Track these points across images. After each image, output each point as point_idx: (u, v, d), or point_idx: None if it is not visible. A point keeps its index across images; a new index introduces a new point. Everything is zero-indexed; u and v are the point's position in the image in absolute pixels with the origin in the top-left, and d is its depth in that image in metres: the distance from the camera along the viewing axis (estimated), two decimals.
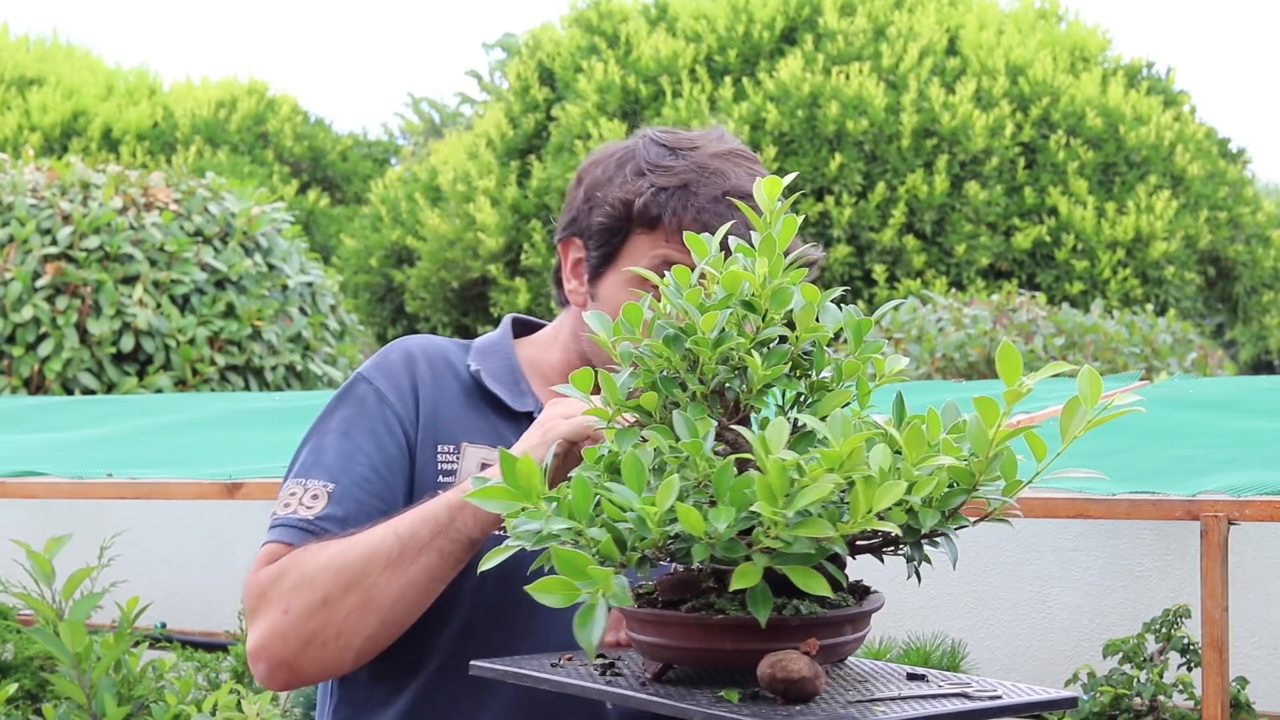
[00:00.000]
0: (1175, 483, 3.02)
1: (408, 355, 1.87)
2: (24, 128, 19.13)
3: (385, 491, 1.78)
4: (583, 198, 1.83)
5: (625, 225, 1.78)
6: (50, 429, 5.03)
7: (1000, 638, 4.14)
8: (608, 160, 1.82)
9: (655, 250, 1.76)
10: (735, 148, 1.80)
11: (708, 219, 1.70)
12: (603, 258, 1.81)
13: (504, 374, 1.87)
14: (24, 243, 8.17)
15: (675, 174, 1.75)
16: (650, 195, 1.74)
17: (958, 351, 8.94)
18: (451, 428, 1.82)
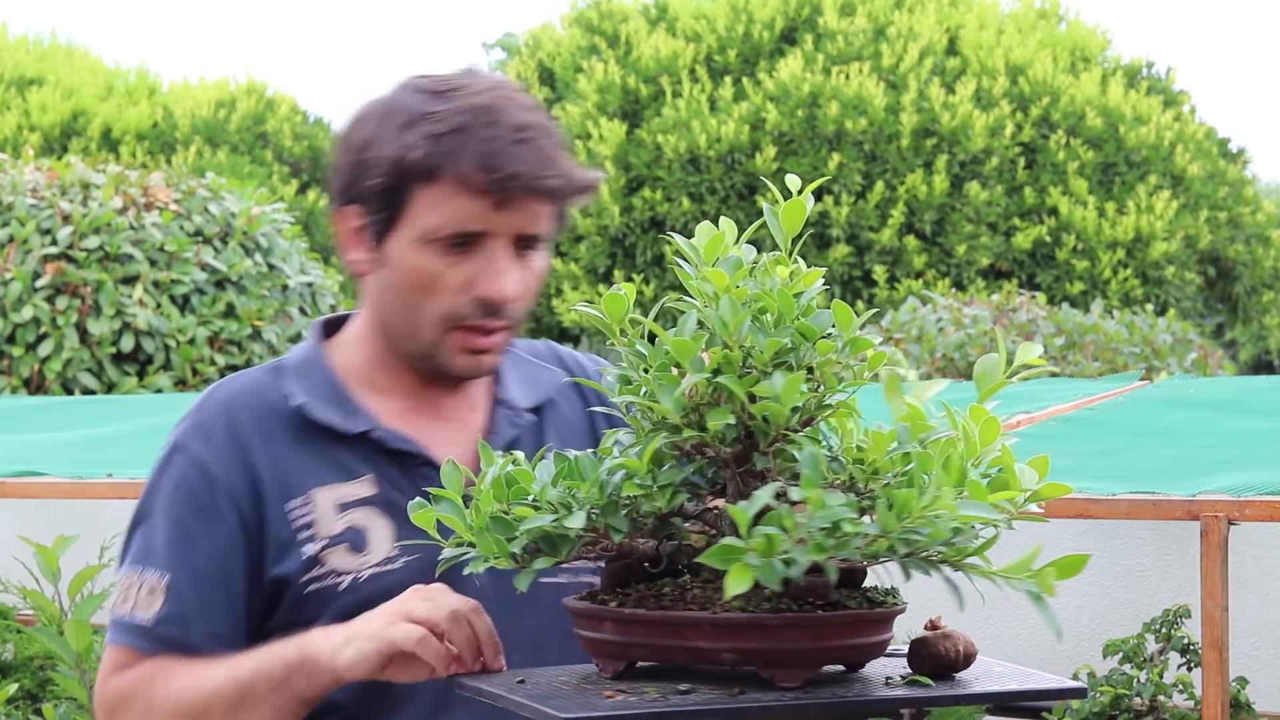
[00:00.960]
0: (1175, 483, 3.02)
1: (227, 411, 1.74)
2: (24, 128, 19.14)
3: (224, 580, 1.70)
4: (351, 161, 1.70)
5: (403, 183, 1.65)
6: (50, 429, 5.03)
7: (1000, 638, 4.13)
8: (370, 117, 1.70)
9: (441, 203, 1.64)
10: (500, 82, 1.71)
11: (488, 159, 1.62)
12: (385, 221, 1.68)
13: (326, 393, 1.75)
14: (24, 243, 8.17)
15: (444, 119, 1.64)
16: (426, 146, 1.63)
17: (958, 351, 8.95)
18: (293, 479, 1.71)
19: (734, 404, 1.38)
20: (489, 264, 1.67)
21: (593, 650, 1.44)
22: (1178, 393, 4.21)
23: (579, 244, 15.43)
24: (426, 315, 1.69)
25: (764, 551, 1.27)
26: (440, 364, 1.73)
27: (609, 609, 1.40)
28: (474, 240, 1.66)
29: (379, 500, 1.71)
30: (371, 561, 1.70)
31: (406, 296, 1.69)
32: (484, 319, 1.69)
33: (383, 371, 1.77)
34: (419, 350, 1.72)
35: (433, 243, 1.65)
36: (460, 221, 1.65)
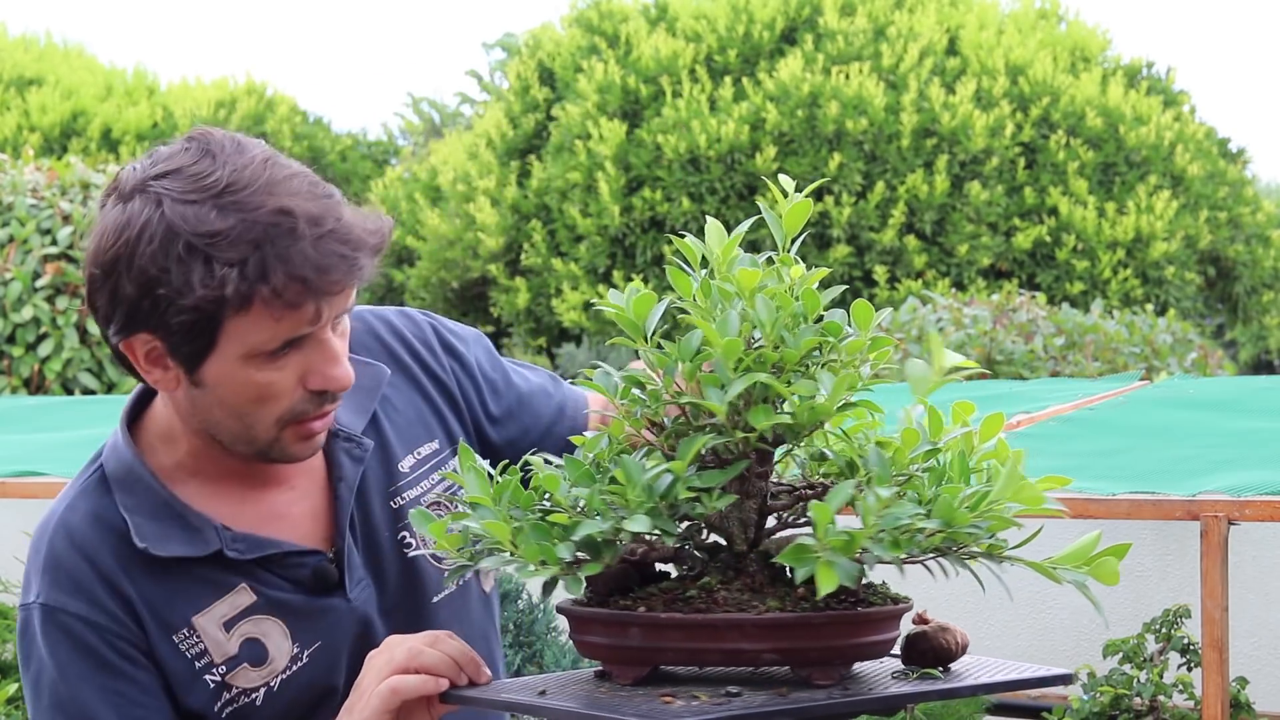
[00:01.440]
0: (1175, 483, 3.02)
1: (80, 553, 1.63)
2: (23, 128, 19.14)
3: (162, 711, 1.62)
4: (135, 294, 1.52)
5: (216, 315, 1.51)
6: (50, 429, 5.03)
7: (1000, 638, 4.13)
8: (140, 247, 1.51)
9: (259, 323, 1.53)
10: (261, 158, 1.55)
11: (300, 274, 1.50)
12: (199, 350, 1.55)
13: (160, 512, 1.64)
14: (24, 243, 8.17)
15: (238, 240, 1.50)
16: (236, 278, 1.49)
17: (958, 352, 8.95)
18: (170, 613, 1.62)
19: (772, 404, 1.38)
20: (320, 355, 1.58)
21: (607, 656, 1.41)
22: (1178, 393, 4.21)
23: (579, 244, 15.43)
24: (262, 420, 1.60)
25: (843, 550, 1.28)
26: (278, 456, 1.64)
27: (639, 614, 1.37)
28: (298, 341, 1.57)
29: (261, 605, 1.65)
30: (279, 668, 1.65)
31: (236, 410, 1.60)
32: (323, 406, 1.61)
33: (207, 462, 1.68)
34: (254, 450, 1.63)
35: (257, 357, 1.55)
36: (285, 333, 1.55)
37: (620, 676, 1.39)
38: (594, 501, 1.37)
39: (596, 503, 1.37)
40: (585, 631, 1.43)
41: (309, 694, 1.65)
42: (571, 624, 1.45)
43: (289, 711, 1.64)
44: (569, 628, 1.47)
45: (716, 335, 1.37)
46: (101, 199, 1.60)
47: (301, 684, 1.65)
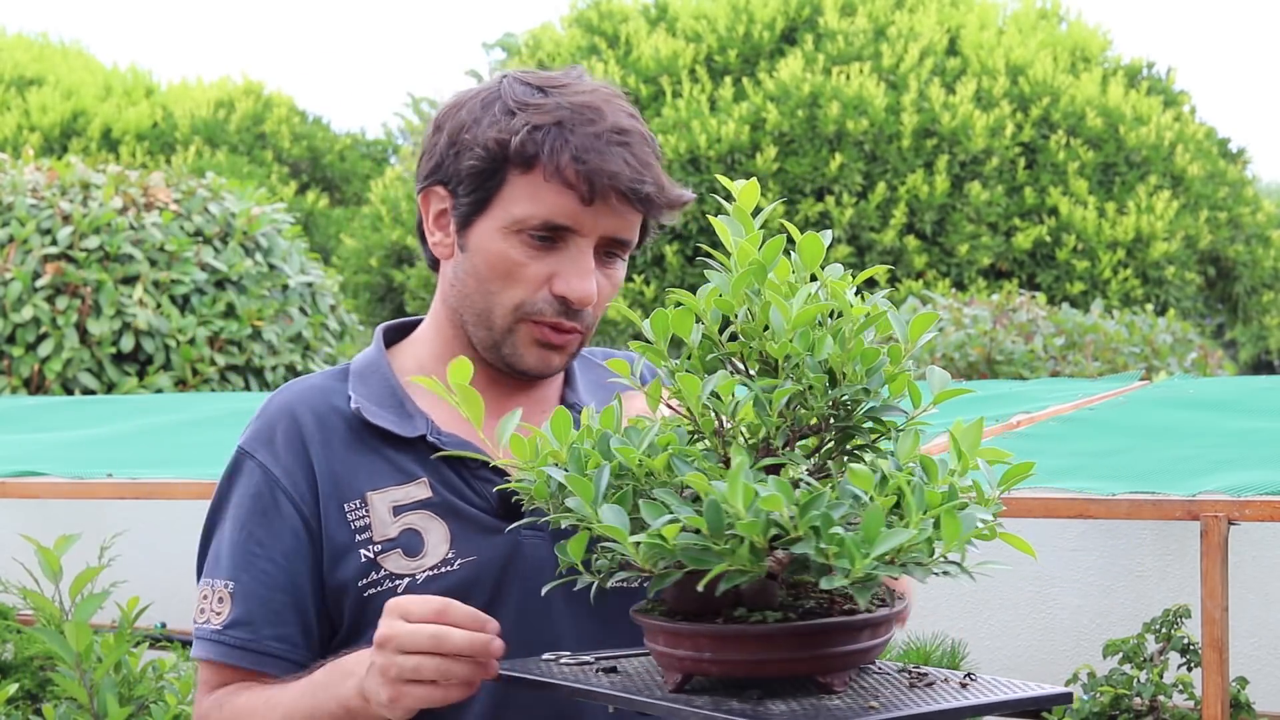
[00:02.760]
0: (1175, 483, 3.01)
1: (289, 415, 1.75)
2: (23, 128, 19.15)
3: (288, 583, 1.71)
4: (446, 143, 1.70)
5: (500, 166, 1.65)
6: (50, 429, 5.03)
7: (1000, 638, 4.14)
8: (470, 103, 1.70)
9: (533, 192, 1.64)
10: (602, 86, 1.71)
11: (585, 155, 1.62)
12: (475, 204, 1.68)
13: (385, 397, 1.76)
14: (24, 243, 8.17)
15: (548, 111, 1.64)
16: (526, 133, 1.63)
17: (958, 351, 8.95)
18: (350, 482, 1.72)
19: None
20: (573, 262, 1.66)
21: (840, 664, 1.38)
22: (1178, 393, 4.21)
23: None
24: (502, 303, 1.68)
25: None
26: (509, 355, 1.71)
27: (873, 614, 1.38)
28: (560, 235, 1.66)
29: (434, 503, 1.70)
30: (427, 565, 1.69)
31: (485, 283, 1.68)
32: (559, 317, 1.68)
33: (444, 365, 1.71)
34: (489, 339, 1.71)
35: (519, 232, 1.65)
36: (550, 213, 1.64)
37: (839, 684, 1.38)
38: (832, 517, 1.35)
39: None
40: (820, 644, 1.37)
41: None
42: (704, 639, 1.38)
43: None
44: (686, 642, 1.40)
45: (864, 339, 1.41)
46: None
47: (443, 586, 1.67)
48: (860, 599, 1.32)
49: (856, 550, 1.26)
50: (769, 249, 1.42)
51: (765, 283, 1.41)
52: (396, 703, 1.51)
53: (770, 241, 1.43)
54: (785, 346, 1.39)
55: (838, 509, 1.29)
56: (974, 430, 1.38)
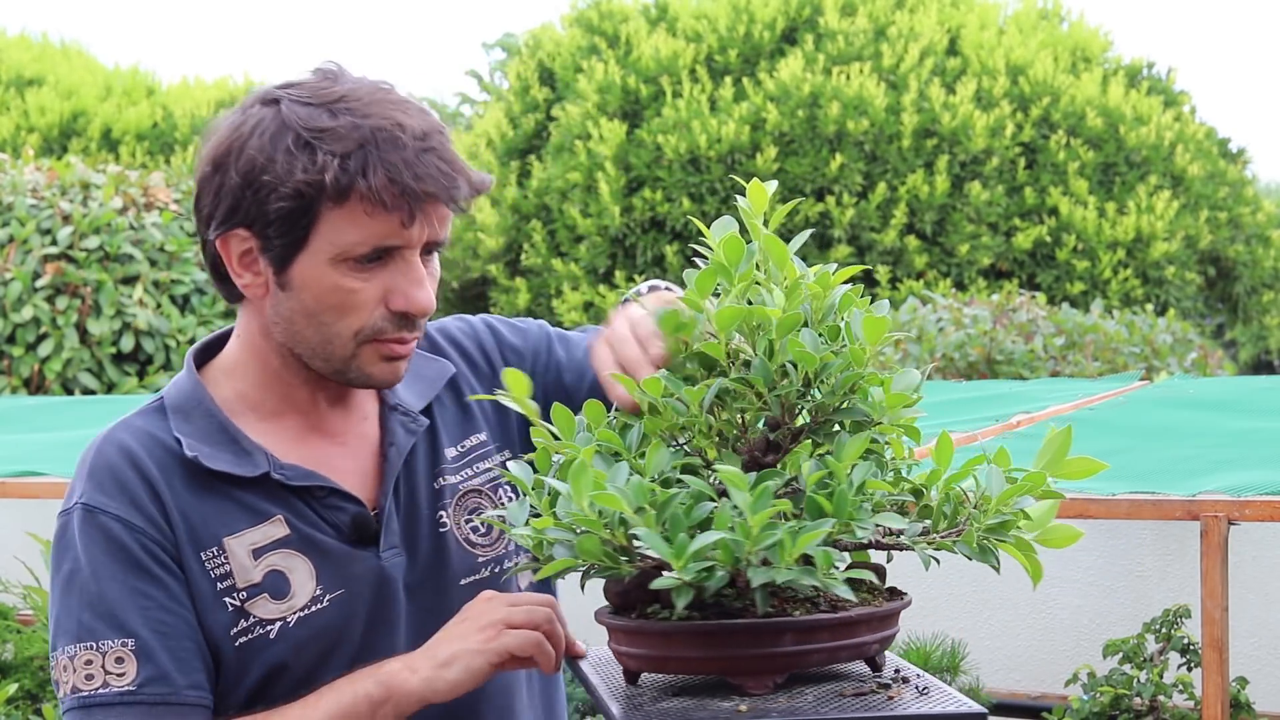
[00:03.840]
0: (1175, 483, 3.02)
1: (129, 458, 1.65)
2: (23, 128, 19.15)
3: (187, 629, 1.61)
4: (239, 184, 1.60)
5: (312, 204, 1.58)
6: (50, 429, 5.03)
7: (1000, 638, 4.14)
8: (251, 139, 1.61)
9: (354, 221, 1.59)
10: (379, 86, 1.65)
11: (400, 176, 1.57)
12: (291, 244, 1.61)
13: (214, 434, 1.68)
14: (24, 243, 8.17)
15: (345, 136, 1.58)
16: (337, 167, 1.56)
17: (958, 351, 8.94)
18: (202, 529, 1.64)
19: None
20: (405, 276, 1.63)
21: (750, 667, 1.36)
22: (1178, 393, 4.21)
23: (579, 244, 15.43)
24: (340, 334, 1.64)
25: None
26: (356, 378, 1.67)
27: (795, 619, 1.35)
28: (387, 254, 1.62)
29: (293, 540, 1.66)
30: (298, 605, 1.65)
31: (317, 317, 1.63)
32: (400, 330, 1.65)
33: (271, 394, 1.72)
34: (331, 368, 1.67)
35: (346, 260, 1.60)
36: (377, 238, 1.60)
37: (755, 687, 1.36)
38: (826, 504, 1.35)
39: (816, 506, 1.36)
40: (716, 644, 1.37)
41: (322, 638, 1.65)
42: (692, 639, 1.39)
43: (300, 651, 1.64)
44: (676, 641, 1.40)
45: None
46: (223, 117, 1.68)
47: (317, 626, 1.65)
48: (759, 603, 1.31)
49: (679, 552, 1.26)
50: (730, 248, 1.42)
51: (731, 282, 1.41)
52: (488, 642, 1.53)
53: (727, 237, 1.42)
54: (712, 346, 1.41)
55: (700, 511, 1.29)
56: (1062, 438, 1.38)
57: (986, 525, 1.37)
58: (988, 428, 3.51)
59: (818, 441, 1.42)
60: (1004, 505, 1.36)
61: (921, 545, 1.37)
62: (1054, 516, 1.39)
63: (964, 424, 3.60)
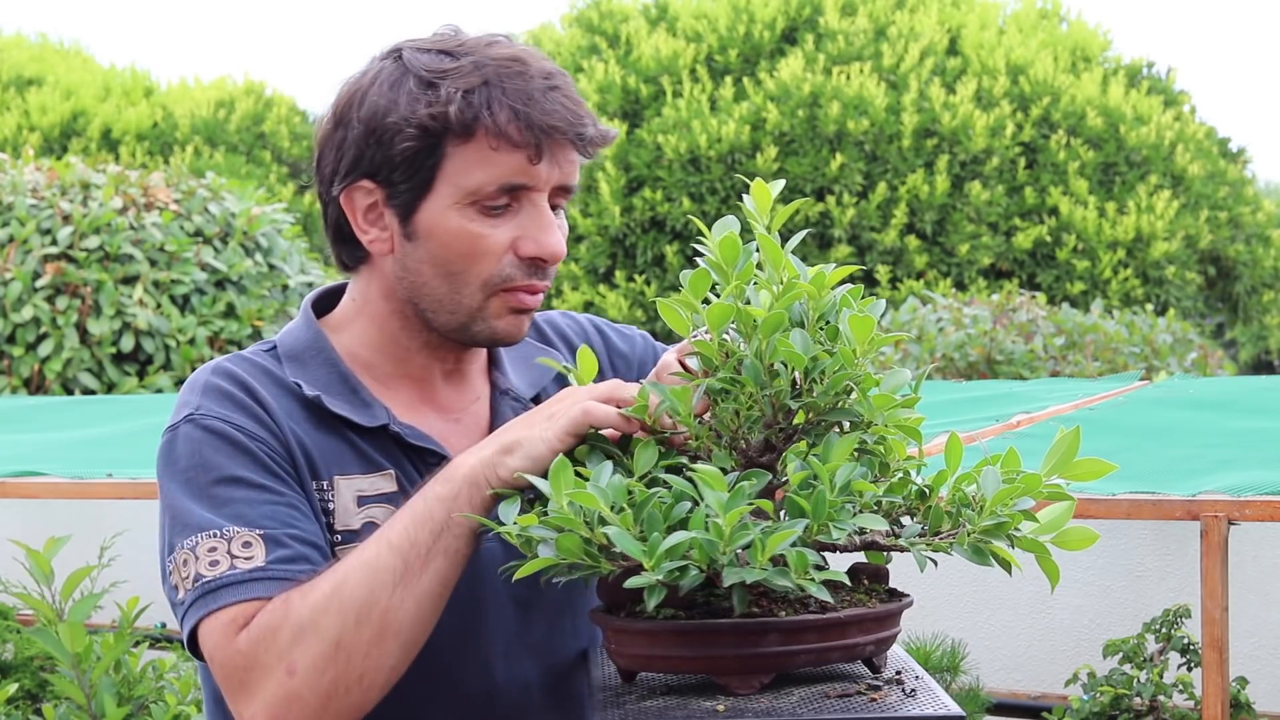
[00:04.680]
0: (1175, 483, 3.01)
1: (235, 378, 1.60)
2: (23, 128, 19.15)
3: (312, 530, 1.55)
4: (362, 133, 1.57)
5: (438, 142, 1.55)
6: (50, 429, 5.03)
7: (1000, 638, 4.14)
8: (372, 89, 1.58)
9: (480, 159, 1.55)
10: (498, 34, 1.63)
11: (525, 110, 1.54)
12: (417, 187, 1.57)
13: (333, 383, 1.63)
14: (24, 243, 8.17)
15: (469, 73, 1.55)
16: (461, 100, 1.53)
17: (958, 351, 8.94)
18: (316, 459, 1.60)
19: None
20: (534, 220, 1.59)
21: (736, 667, 1.35)
22: (1178, 393, 4.21)
23: (579, 244, 15.42)
24: (469, 282, 1.59)
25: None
26: (480, 331, 1.62)
27: (779, 620, 1.35)
28: (515, 197, 1.58)
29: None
30: None
31: (446, 266, 1.59)
32: (530, 279, 1.60)
33: (388, 357, 1.67)
34: (457, 321, 1.62)
35: (474, 204, 1.57)
36: (504, 176, 1.56)
37: (740, 688, 1.35)
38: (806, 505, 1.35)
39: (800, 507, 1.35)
40: (701, 644, 1.36)
41: None
42: (678, 638, 1.38)
43: None
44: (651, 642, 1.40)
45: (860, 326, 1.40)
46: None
47: None
48: (736, 603, 1.31)
49: (650, 551, 1.26)
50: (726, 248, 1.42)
51: (728, 281, 1.41)
52: (550, 429, 1.45)
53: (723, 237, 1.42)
54: (704, 345, 1.41)
55: (678, 510, 1.30)
56: (1071, 439, 1.37)
57: (982, 527, 1.36)
58: (988, 428, 3.50)
59: (812, 442, 1.42)
60: (999, 507, 1.36)
61: (920, 546, 1.37)
62: (1069, 519, 1.38)
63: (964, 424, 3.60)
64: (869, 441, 1.43)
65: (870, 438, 1.43)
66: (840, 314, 1.42)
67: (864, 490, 1.36)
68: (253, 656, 1.46)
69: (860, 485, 1.36)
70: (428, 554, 1.46)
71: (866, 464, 1.41)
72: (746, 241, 1.44)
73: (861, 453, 1.43)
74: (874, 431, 1.42)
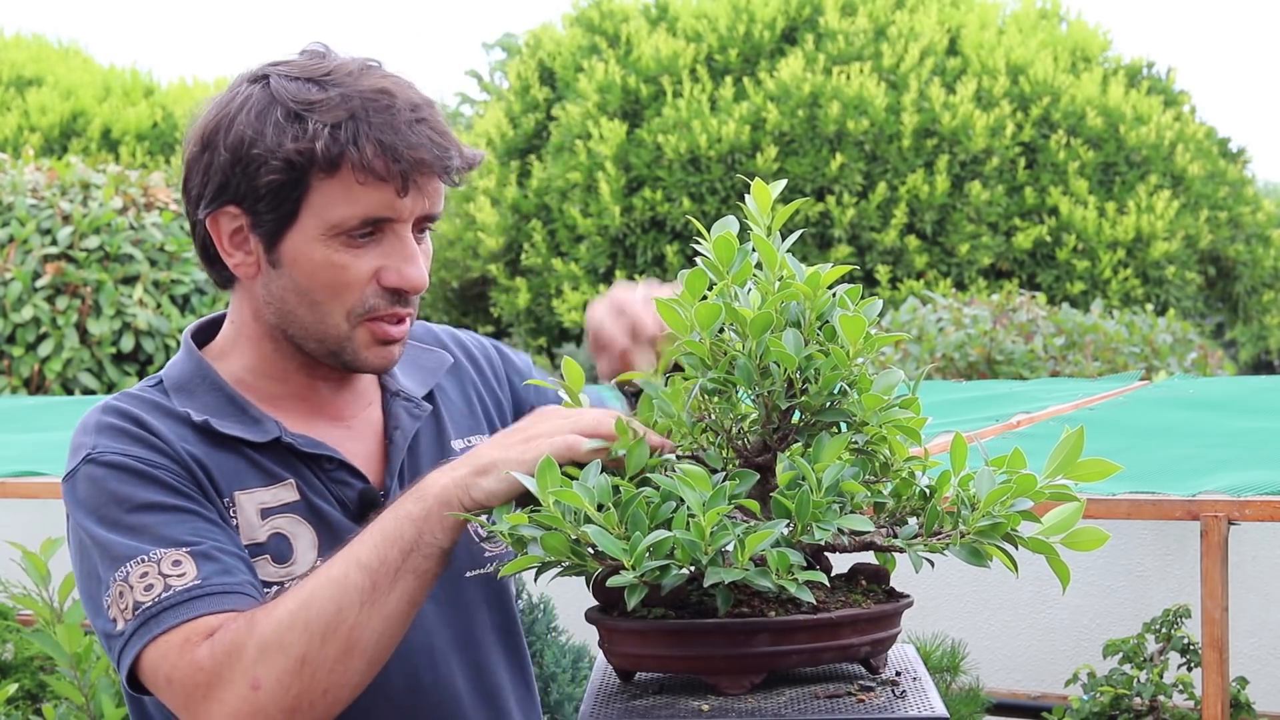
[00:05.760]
0: (1175, 483, 3.01)
1: (130, 419, 1.61)
2: (23, 128, 19.16)
3: (233, 540, 1.56)
4: (228, 160, 1.58)
5: (303, 175, 1.56)
6: (50, 429, 5.03)
7: (1000, 638, 4.13)
8: (240, 115, 1.58)
9: (345, 193, 1.56)
10: (367, 61, 1.63)
11: (391, 144, 1.55)
12: (281, 218, 1.58)
13: (223, 407, 1.65)
14: (24, 243, 8.17)
15: (336, 106, 1.56)
16: (328, 136, 1.54)
17: (958, 351, 8.94)
18: (213, 477, 1.61)
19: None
20: (397, 251, 1.60)
21: (725, 667, 1.35)
22: (1178, 393, 4.21)
23: (579, 244, 15.43)
24: (333, 312, 1.61)
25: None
26: (350, 360, 1.64)
27: (769, 620, 1.34)
28: (379, 228, 1.59)
29: (300, 507, 1.63)
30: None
31: (309, 295, 1.61)
32: (393, 307, 1.62)
33: (269, 378, 1.69)
34: (325, 349, 1.64)
35: (337, 235, 1.58)
36: (368, 210, 1.57)
37: (731, 688, 1.35)
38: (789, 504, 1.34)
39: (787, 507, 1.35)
40: (691, 644, 1.36)
41: None
42: (668, 638, 1.38)
43: None
44: (628, 641, 1.41)
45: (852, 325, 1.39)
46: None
47: None
48: (720, 603, 1.31)
49: (631, 550, 1.27)
50: (721, 248, 1.42)
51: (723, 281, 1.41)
52: (527, 453, 1.43)
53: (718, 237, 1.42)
54: (696, 345, 1.41)
55: (663, 510, 1.30)
56: (1075, 440, 1.37)
57: (977, 528, 1.36)
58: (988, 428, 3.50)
59: (807, 443, 1.42)
60: (992, 507, 1.35)
61: (917, 547, 1.36)
62: (1079, 520, 1.37)
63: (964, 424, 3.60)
64: (860, 442, 1.42)
65: (862, 438, 1.42)
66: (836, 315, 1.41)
67: (854, 491, 1.36)
68: (215, 672, 1.46)
69: (849, 486, 1.35)
70: (396, 573, 1.47)
71: (860, 465, 1.40)
72: (745, 242, 1.44)
73: (859, 453, 1.42)
74: (867, 432, 1.41)
